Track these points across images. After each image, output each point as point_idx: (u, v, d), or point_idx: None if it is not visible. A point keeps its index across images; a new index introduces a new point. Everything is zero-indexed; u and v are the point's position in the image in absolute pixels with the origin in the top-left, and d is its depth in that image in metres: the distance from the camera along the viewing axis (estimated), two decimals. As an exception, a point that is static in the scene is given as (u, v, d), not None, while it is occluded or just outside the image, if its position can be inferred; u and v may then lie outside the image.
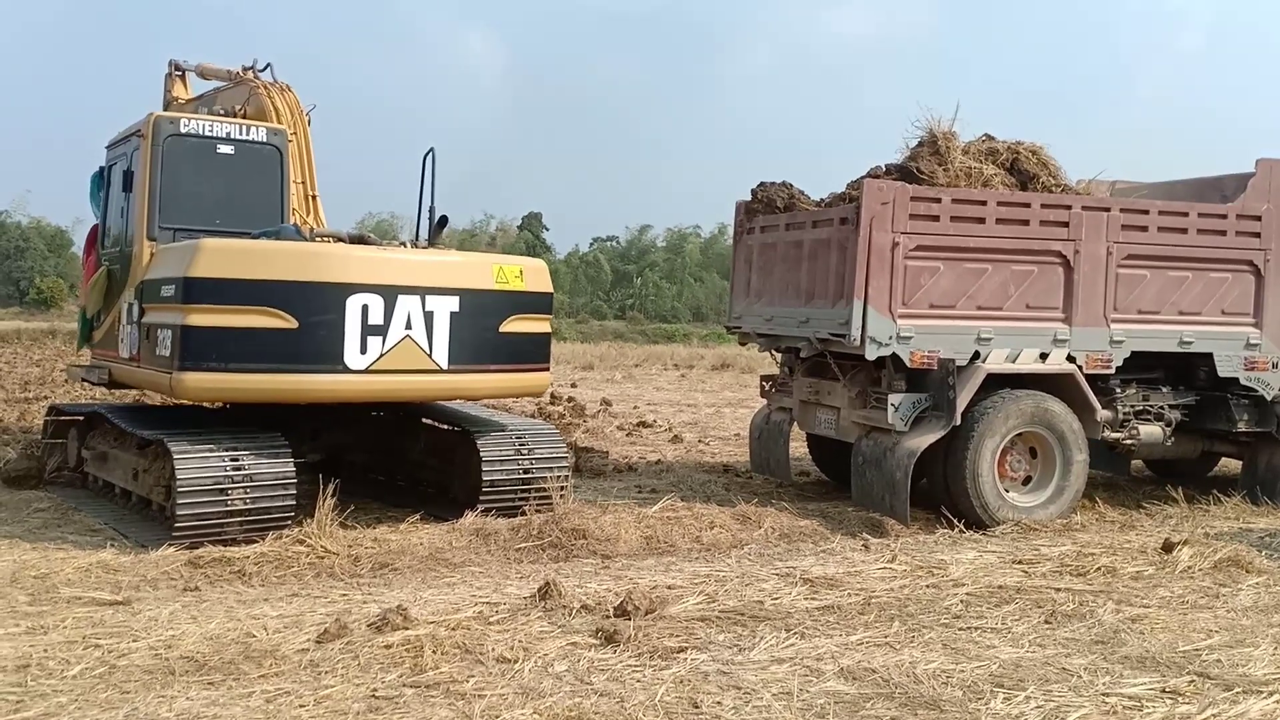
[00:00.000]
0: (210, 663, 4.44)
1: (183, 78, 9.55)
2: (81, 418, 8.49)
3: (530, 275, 7.39)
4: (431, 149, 7.70)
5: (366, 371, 6.66)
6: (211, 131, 7.55)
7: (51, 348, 23.95)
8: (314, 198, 8.36)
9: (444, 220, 7.70)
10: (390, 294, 6.70)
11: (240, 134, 7.64)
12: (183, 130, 7.46)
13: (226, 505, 6.37)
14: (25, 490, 8.14)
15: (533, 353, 7.43)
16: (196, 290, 6.41)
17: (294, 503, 6.62)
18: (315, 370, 6.56)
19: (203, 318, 6.40)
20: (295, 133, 8.22)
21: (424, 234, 7.70)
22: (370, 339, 6.64)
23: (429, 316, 6.82)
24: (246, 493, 6.42)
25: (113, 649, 4.59)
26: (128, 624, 4.96)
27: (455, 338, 6.93)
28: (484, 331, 7.10)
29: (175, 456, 6.36)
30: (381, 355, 6.68)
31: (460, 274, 7.08)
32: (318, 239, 7.14)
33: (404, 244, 7.41)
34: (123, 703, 4.02)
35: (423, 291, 6.81)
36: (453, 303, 6.92)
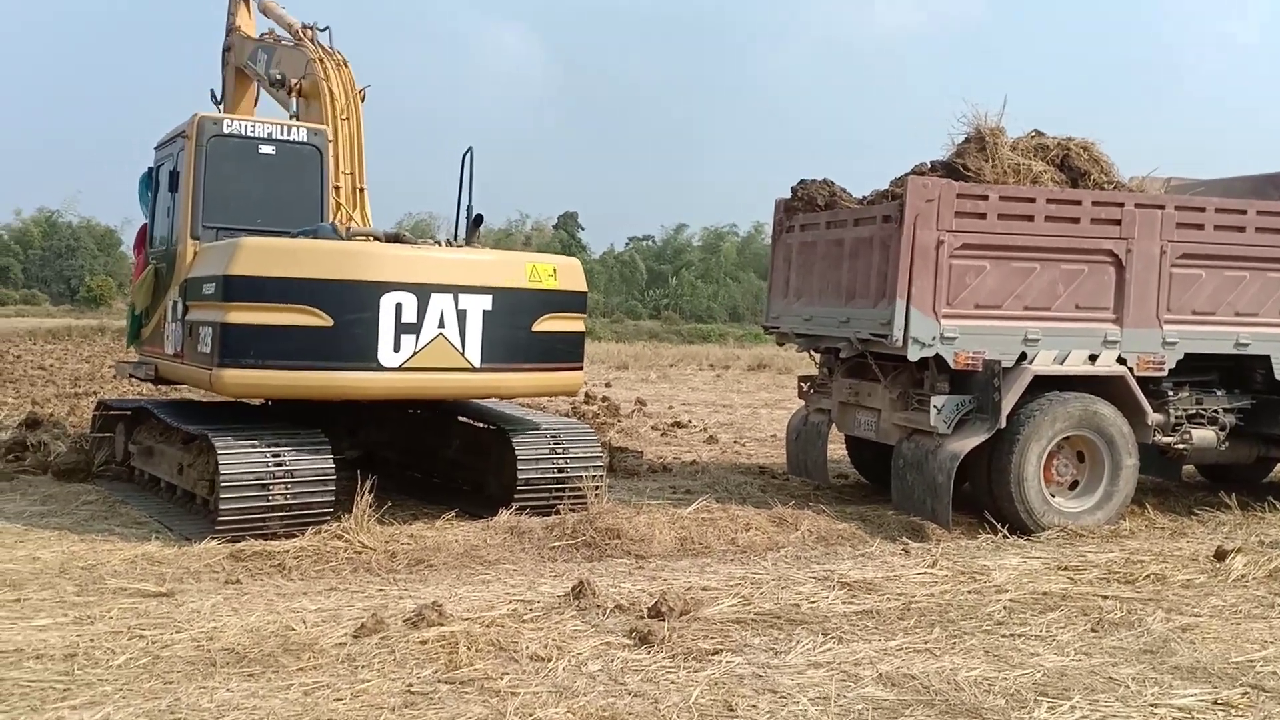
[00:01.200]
0: (250, 655, 4.49)
1: (247, 4, 9.45)
2: (129, 413, 8.65)
3: (564, 274, 7.37)
4: (470, 148, 7.73)
5: (399, 369, 6.69)
6: (253, 132, 7.64)
7: (101, 344, 24.53)
8: (362, 191, 8.29)
9: (479, 219, 7.71)
10: (424, 292, 6.72)
11: (281, 134, 7.73)
12: (225, 131, 7.56)
13: (268, 500, 6.45)
14: (74, 483, 8.32)
15: (566, 352, 7.41)
16: (236, 288, 6.49)
17: (333, 499, 6.67)
18: (349, 368, 6.61)
19: (241, 315, 6.49)
20: (348, 117, 8.13)
21: (463, 233, 7.72)
22: (404, 337, 6.67)
23: (462, 315, 6.84)
24: (287, 488, 6.49)
25: (156, 640, 4.67)
26: (171, 615, 5.04)
27: (488, 336, 6.94)
28: (516, 330, 7.09)
29: (219, 452, 6.45)
30: (415, 353, 6.71)
31: (493, 273, 7.07)
32: (355, 238, 7.19)
33: (439, 243, 7.44)
34: (165, 693, 4.07)
35: (456, 290, 6.83)
36: (485, 301, 6.93)
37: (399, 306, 6.66)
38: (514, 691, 4.18)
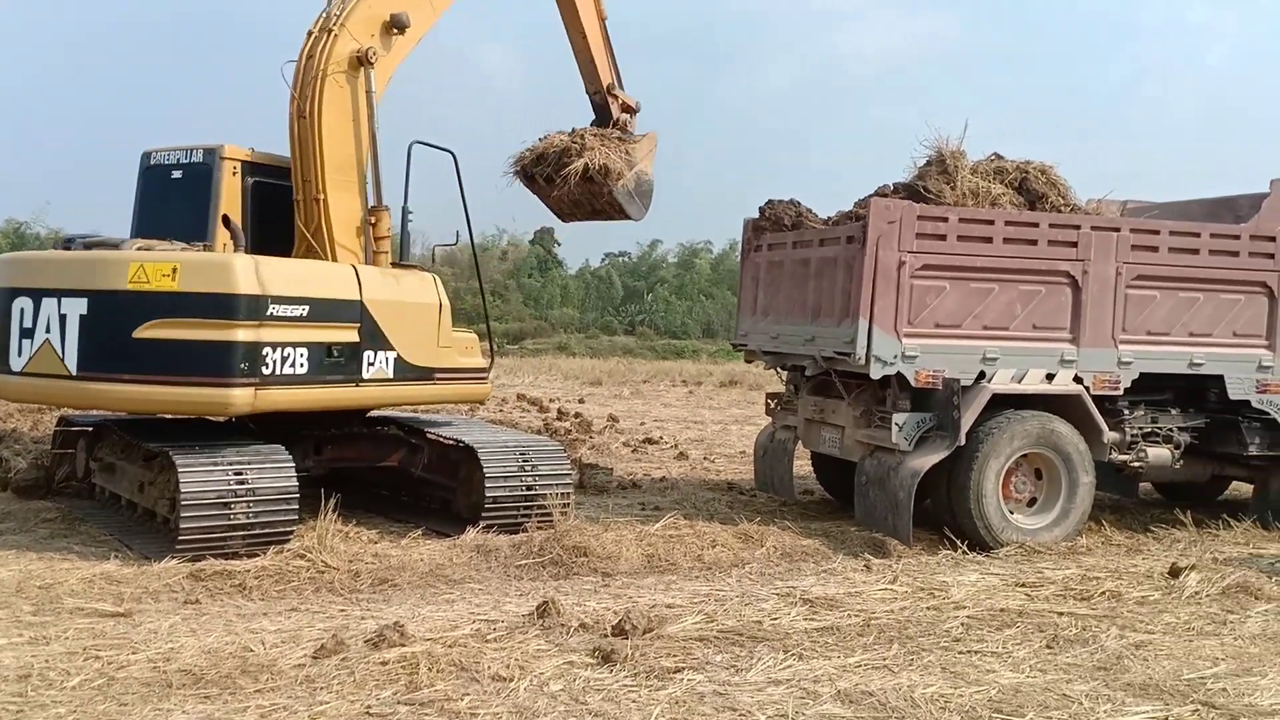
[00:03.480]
0: (207, 676, 4.46)
1: None
2: (90, 429, 8.56)
3: (191, 274, 6.46)
4: (453, 154, 7.74)
5: (22, 374, 6.71)
6: (170, 159, 7.80)
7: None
8: (318, 201, 7.45)
9: (226, 219, 7.40)
10: (38, 296, 6.68)
11: (186, 158, 7.76)
12: (153, 161, 7.83)
13: (229, 519, 6.40)
14: (34, 500, 8.21)
15: (197, 364, 6.44)
16: None
17: (296, 517, 6.65)
18: None
19: None
20: (306, 114, 7.38)
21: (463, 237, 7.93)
22: (24, 342, 6.71)
23: (63, 319, 6.56)
24: (249, 506, 6.45)
25: (112, 660, 4.63)
26: (128, 636, 5.00)
27: (84, 343, 6.52)
28: (113, 337, 6.48)
29: (180, 469, 6.40)
30: (30, 358, 6.69)
31: (88, 274, 6.58)
32: (91, 247, 6.97)
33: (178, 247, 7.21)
34: (120, 715, 4.05)
35: (60, 293, 6.61)
36: (82, 305, 6.51)
37: (22, 311, 6.69)
38: (474, 713, 4.19)
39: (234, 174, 7.62)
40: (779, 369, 9.16)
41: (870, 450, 7.89)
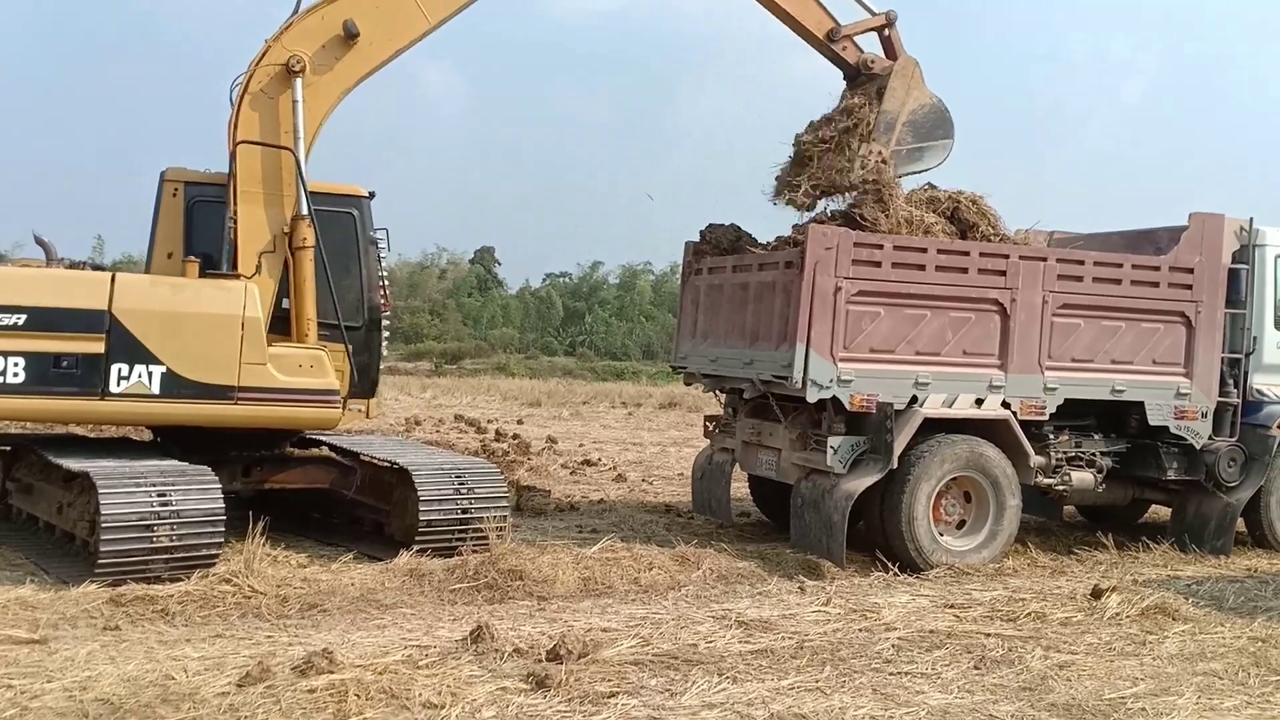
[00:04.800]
0: (126, 706, 4.33)
1: None
2: (8, 448, 8.25)
3: None
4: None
5: None
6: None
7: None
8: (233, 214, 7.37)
9: (33, 234, 7.46)
10: None
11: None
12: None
13: (152, 542, 6.22)
14: (-56, 522, 7.89)
15: None
16: None
17: (222, 540, 6.48)
18: None
19: None
20: (232, 151, 7.42)
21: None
22: None
23: None
24: (173, 529, 6.28)
25: (25, 690, 4.47)
26: (43, 664, 4.83)
27: None
28: None
29: (100, 490, 6.21)
30: None
31: None
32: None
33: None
34: (29, 748, 3.89)
35: None
36: None
37: None
38: (403, 740, 4.12)
39: (174, 195, 7.58)
40: (717, 392, 9.23)
41: (806, 473, 7.98)
